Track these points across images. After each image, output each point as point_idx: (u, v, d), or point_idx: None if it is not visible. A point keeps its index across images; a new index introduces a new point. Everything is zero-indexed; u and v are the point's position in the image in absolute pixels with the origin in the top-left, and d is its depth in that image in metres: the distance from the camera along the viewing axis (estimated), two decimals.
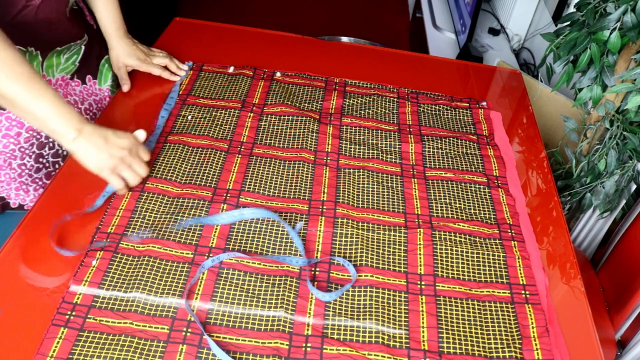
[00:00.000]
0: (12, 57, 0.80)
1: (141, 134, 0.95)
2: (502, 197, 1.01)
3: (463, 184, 1.02)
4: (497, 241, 0.93)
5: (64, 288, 0.78)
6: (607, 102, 1.18)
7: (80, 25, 1.09)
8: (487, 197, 1.00)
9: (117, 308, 0.77)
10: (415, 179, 1.02)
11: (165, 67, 1.19)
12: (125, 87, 1.15)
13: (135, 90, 1.16)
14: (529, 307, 0.83)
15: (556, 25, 1.29)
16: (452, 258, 0.89)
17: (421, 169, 1.04)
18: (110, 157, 0.87)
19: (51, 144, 1.06)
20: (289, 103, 1.15)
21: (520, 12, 2.09)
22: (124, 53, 1.15)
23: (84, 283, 0.79)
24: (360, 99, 1.19)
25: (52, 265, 0.82)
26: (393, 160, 1.06)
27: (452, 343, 0.78)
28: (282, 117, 1.11)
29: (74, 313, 0.75)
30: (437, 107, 1.19)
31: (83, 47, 1.09)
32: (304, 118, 1.12)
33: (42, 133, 1.03)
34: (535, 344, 0.79)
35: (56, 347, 0.72)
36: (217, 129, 1.07)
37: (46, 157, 1.06)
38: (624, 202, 1.25)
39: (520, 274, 0.88)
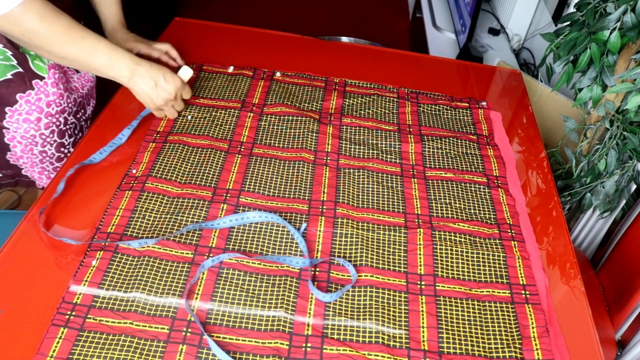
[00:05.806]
0: (66, 23, 0.88)
1: (187, 72, 1.06)
2: (502, 197, 1.01)
3: (463, 184, 1.02)
4: (497, 241, 0.93)
5: (64, 288, 0.78)
6: (607, 102, 1.18)
7: (80, 10, 1.14)
8: (487, 197, 1.00)
9: (117, 308, 0.77)
10: (415, 179, 1.02)
11: (166, 54, 1.21)
12: None
13: None
14: (529, 307, 0.83)
15: (556, 25, 1.29)
16: (452, 258, 0.89)
17: (421, 169, 1.04)
18: (157, 99, 1.00)
19: (70, 132, 1.10)
20: (289, 103, 1.15)
21: (520, 12, 2.09)
22: (122, 40, 1.18)
23: (84, 283, 0.79)
24: (360, 99, 1.19)
25: (52, 265, 0.82)
26: (393, 160, 1.06)
27: (452, 343, 0.78)
28: (282, 117, 1.11)
29: (74, 313, 0.75)
30: (437, 107, 1.19)
31: None
32: (303, 118, 1.12)
33: (60, 119, 1.07)
34: (535, 344, 0.79)
35: (56, 347, 0.72)
36: (217, 129, 1.07)
37: (67, 146, 1.11)
38: (624, 202, 1.25)
39: (520, 274, 0.88)
